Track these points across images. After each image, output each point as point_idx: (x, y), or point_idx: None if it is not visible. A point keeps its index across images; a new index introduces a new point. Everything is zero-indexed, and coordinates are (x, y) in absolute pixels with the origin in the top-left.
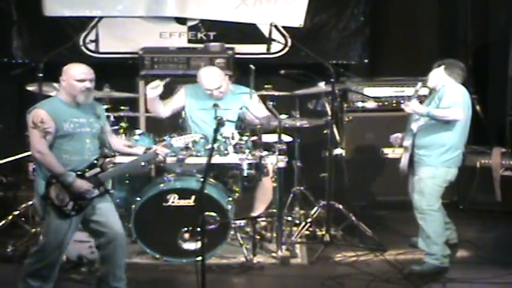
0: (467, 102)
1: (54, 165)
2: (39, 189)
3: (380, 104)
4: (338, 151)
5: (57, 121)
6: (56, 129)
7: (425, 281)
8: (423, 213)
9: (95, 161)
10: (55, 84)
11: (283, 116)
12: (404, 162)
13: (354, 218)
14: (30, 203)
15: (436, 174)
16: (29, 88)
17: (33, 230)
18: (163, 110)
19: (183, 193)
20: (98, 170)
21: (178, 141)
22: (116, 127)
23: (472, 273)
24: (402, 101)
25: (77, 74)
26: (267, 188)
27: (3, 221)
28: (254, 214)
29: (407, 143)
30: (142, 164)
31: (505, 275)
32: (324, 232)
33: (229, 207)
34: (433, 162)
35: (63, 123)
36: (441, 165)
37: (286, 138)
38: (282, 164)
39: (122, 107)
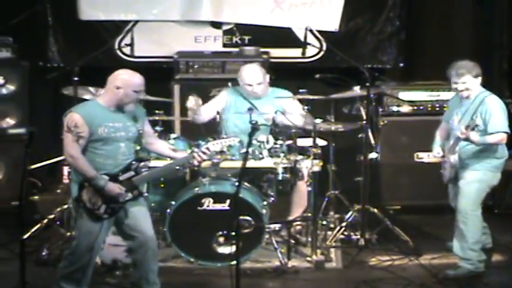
0: (506, 111)
1: (86, 169)
2: (72, 192)
3: (415, 108)
4: (373, 155)
5: (91, 125)
6: (90, 134)
7: (460, 285)
8: (466, 217)
9: (129, 165)
10: (90, 88)
11: (318, 120)
12: (450, 171)
13: (388, 222)
14: (66, 206)
15: (483, 178)
16: (64, 92)
17: (68, 233)
18: (204, 115)
19: (218, 197)
20: (132, 173)
21: (215, 145)
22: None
23: (508, 278)
24: (438, 105)
25: (137, 85)
26: (302, 192)
27: (39, 225)
28: (289, 218)
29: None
30: (177, 167)
31: None
32: (358, 236)
33: (264, 211)
34: (481, 167)
35: (98, 127)
36: (489, 170)
37: (321, 142)
38: (316, 168)
39: (157, 111)
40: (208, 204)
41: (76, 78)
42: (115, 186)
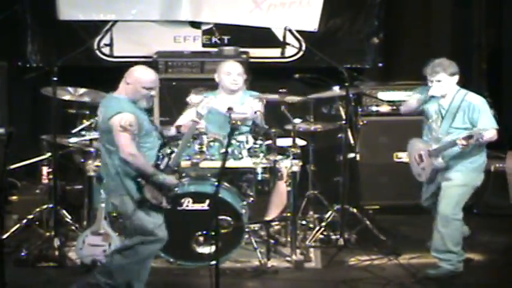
0: None
1: (146, 165)
2: (131, 193)
3: (394, 108)
4: (352, 155)
5: (139, 121)
6: (140, 129)
7: (439, 285)
8: (447, 221)
9: (158, 153)
10: (69, 88)
11: (297, 120)
12: (429, 171)
13: (367, 222)
14: (45, 207)
15: (467, 181)
16: (43, 92)
17: (47, 233)
18: None
19: (197, 197)
20: (166, 159)
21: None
22: None
23: (487, 277)
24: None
25: (146, 82)
26: (281, 192)
27: (18, 225)
28: (268, 218)
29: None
30: (191, 138)
31: None
32: (337, 236)
33: (244, 211)
34: (465, 168)
35: (144, 122)
36: (472, 171)
37: (301, 142)
38: (296, 168)
39: None
40: (188, 204)
41: (55, 79)
42: (172, 177)
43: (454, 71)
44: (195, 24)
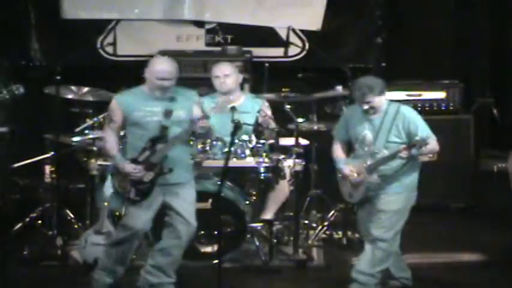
0: None
1: (108, 147)
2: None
3: None
4: None
5: (125, 109)
6: (124, 117)
7: (441, 285)
8: (382, 247)
9: (145, 146)
10: (73, 87)
11: (300, 120)
12: (362, 191)
13: None
14: (47, 205)
15: (406, 205)
16: (47, 91)
17: (50, 232)
18: None
19: (200, 196)
20: (147, 153)
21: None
22: None
23: (485, 277)
24: (419, 104)
25: (157, 72)
26: (280, 189)
27: (20, 224)
28: (265, 216)
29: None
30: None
31: None
32: (340, 235)
33: (246, 210)
34: (403, 189)
35: (133, 112)
36: (410, 191)
37: (303, 141)
38: (299, 168)
39: None
40: None
41: (58, 77)
42: (129, 165)
43: (381, 89)
44: (198, 24)
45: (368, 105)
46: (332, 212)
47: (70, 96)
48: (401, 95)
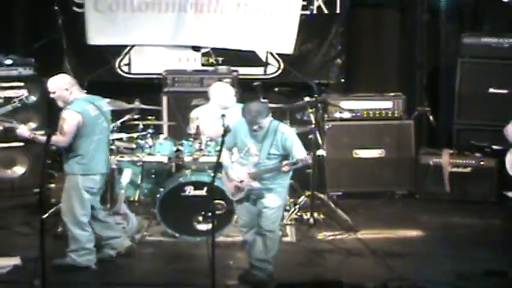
0: None
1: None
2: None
3: (353, 114)
4: (320, 152)
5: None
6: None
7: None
8: (273, 237)
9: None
10: None
11: None
12: (244, 192)
13: (332, 205)
14: None
15: (282, 203)
16: None
17: None
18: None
19: (198, 185)
20: None
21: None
22: (144, 133)
23: (426, 249)
24: (371, 112)
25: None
26: None
27: (55, 207)
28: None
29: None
30: None
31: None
32: (308, 216)
33: None
34: (280, 188)
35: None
36: (285, 190)
37: None
38: None
39: (149, 117)
40: (190, 191)
41: (85, 91)
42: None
43: (267, 112)
44: (195, 48)
45: (257, 125)
46: (302, 198)
47: None
48: (358, 104)
